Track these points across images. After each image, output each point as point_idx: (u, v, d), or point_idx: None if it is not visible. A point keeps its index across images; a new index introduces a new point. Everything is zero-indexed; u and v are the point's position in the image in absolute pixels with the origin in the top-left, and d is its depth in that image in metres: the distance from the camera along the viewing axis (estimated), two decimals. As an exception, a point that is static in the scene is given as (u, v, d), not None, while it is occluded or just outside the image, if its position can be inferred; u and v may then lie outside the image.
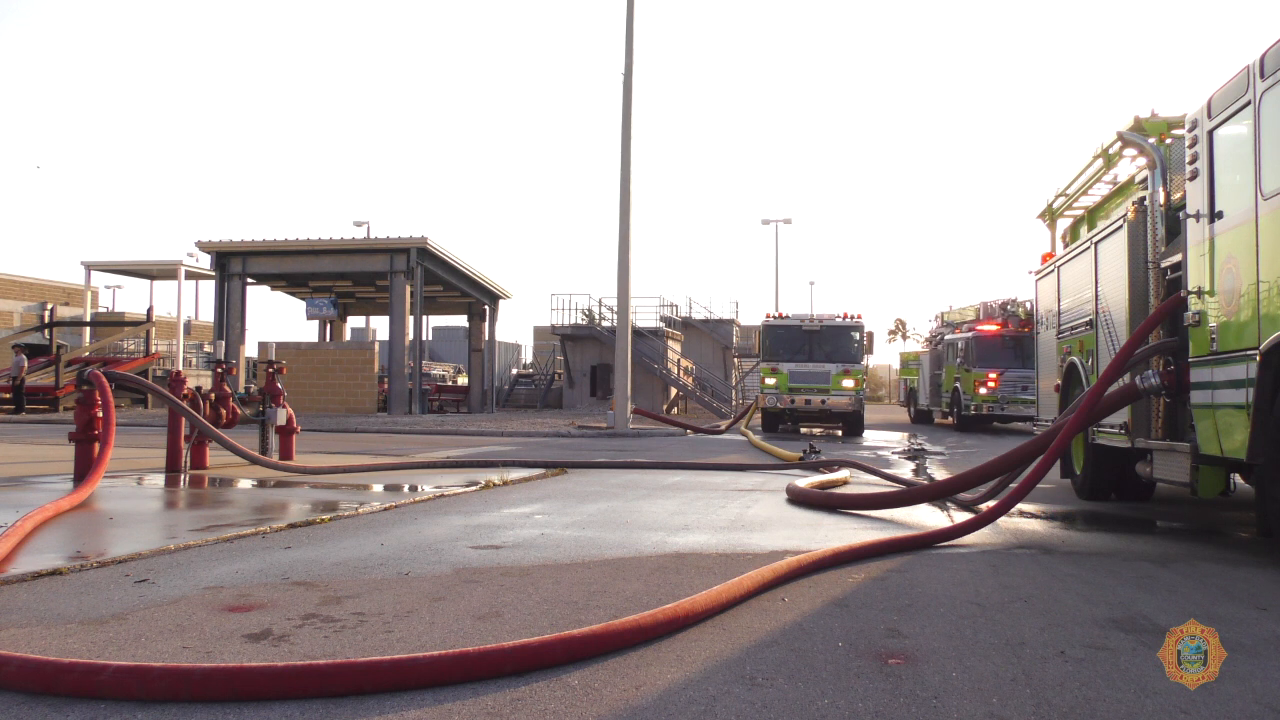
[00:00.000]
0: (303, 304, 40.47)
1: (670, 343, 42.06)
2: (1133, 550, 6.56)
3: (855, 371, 24.07)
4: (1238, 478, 7.13)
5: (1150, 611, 4.59)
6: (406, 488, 10.14)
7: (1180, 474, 7.08)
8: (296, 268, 35.20)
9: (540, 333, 57.42)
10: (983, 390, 26.50)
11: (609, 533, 6.97)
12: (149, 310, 40.74)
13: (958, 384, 27.83)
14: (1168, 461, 7.42)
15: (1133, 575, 5.56)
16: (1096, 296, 9.33)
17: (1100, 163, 10.16)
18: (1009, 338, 26.93)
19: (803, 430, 23.65)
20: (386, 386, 35.60)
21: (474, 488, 9.99)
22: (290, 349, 34.86)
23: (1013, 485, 7.88)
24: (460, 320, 48.59)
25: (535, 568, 5.52)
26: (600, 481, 11.04)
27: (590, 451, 16.87)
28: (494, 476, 10.98)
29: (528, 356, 63.45)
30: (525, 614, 4.37)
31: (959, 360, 27.99)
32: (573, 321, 41.86)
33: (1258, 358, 5.75)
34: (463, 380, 47.81)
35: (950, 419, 29.40)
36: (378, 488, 10.21)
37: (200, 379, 41.62)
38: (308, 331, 60.15)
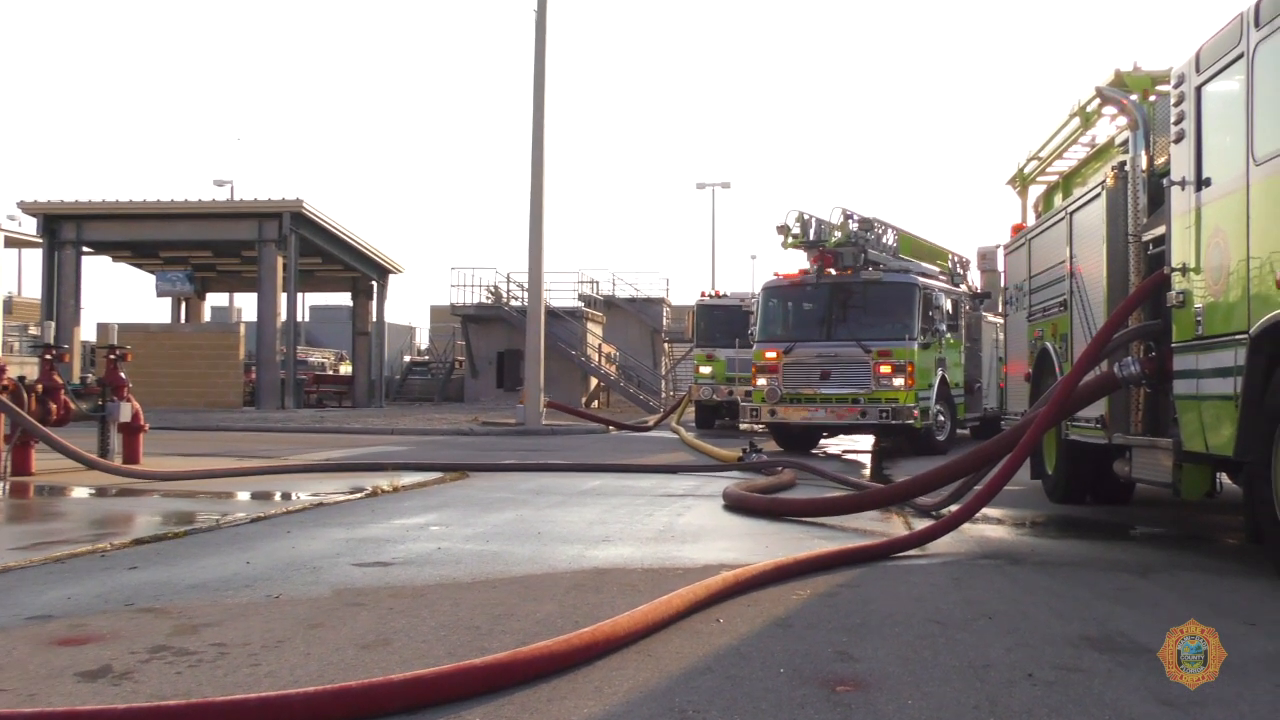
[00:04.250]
0: (152, 278, 39.43)
1: (590, 325, 42.06)
2: (1110, 559, 6.76)
3: None
4: (1225, 477, 7.37)
5: (1128, 628, 4.74)
6: (278, 495, 10.01)
7: (1162, 473, 7.30)
8: (144, 234, 34.25)
9: (439, 313, 56.86)
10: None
11: (518, 546, 6.95)
12: (-40, 285, 39.30)
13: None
14: (1148, 459, 7.65)
15: (1110, 587, 5.74)
16: (1071, 274, 9.57)
17: (1077, 122, 10.39)
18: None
19: (742, 427, 23.79)
20: (254, 377, 34.95)
21: (359, 495, 9.91)
22: (137, 331, 33.89)
23: (977, 488, 8.04)
24: (343, 299, 47.84)
25: (431, 587, 5.48)
26: (508, 487, 11.00)
27: (496, 452, 16.79)
28: (383, 482, 10.88)
29: (424, 341, 62.82)
30: (419, 642, 4.34)
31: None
32: (477, 300, 41.58)
33: (1247, 343, 5.91)
34: (346, 369, 47.11)
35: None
36: (244, 496, 10.04)
37: (25, 367, 40.28)
38: (159, 311, 58.72)
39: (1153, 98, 8.72)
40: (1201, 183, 6.64)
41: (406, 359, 55.59)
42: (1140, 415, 8.01)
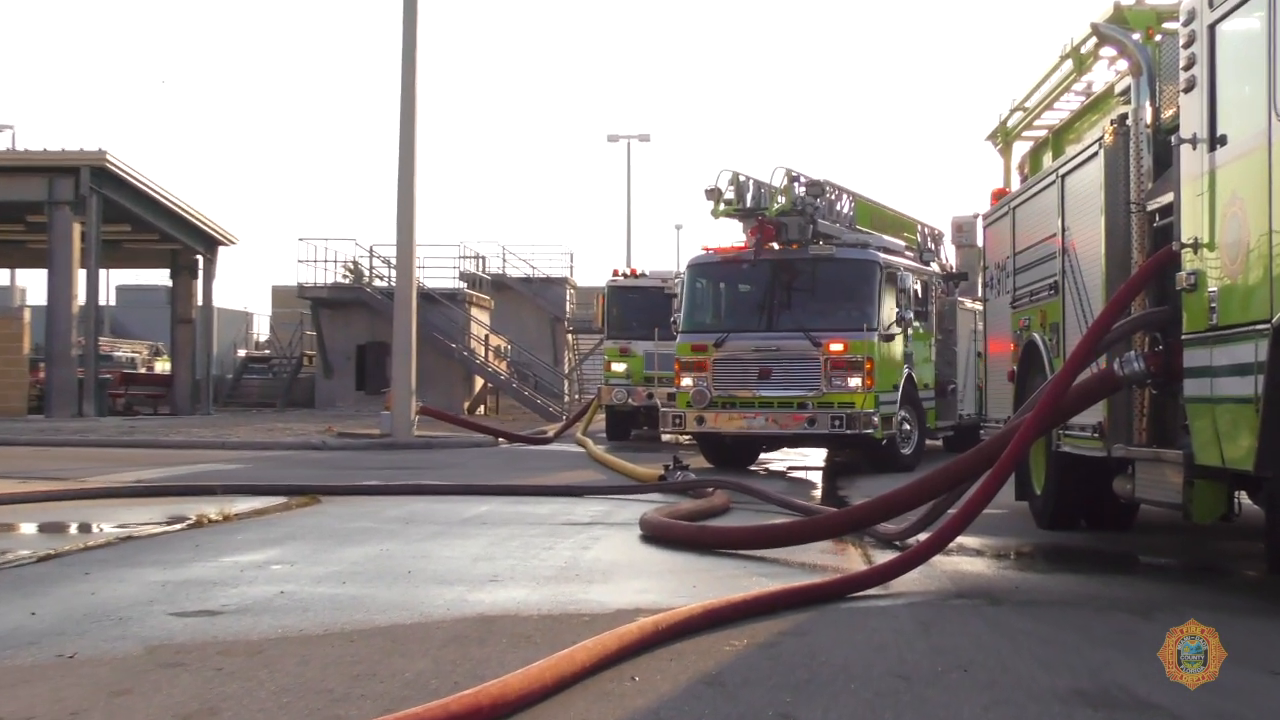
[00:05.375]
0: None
1: (476, 312, 41.86)
2: (1108, 597, 6.92)
3: None
4: (1243, 496, 7.55)
5: (1129, 679, 4.85)
6: (74, 528, 9.82)
7: (1170, 492, 7.45)
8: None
9: (283, 296, 55.98)
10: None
11: (383, 589, 6.89)
12: None
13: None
14: (1154, 476, 7.80)
15: (1107, 631, 5.87)
16: (1064, 250, 9.76)
17: (1069, 66, 10.58)
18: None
19: (664, 438, 23.84)
20: (44, 376, 34.11)
21: (180, 526, 9.76)
22: (-115, 319, 32.93)
23: (951, 512, 8.15)
24: (160, 277, 46.97)
25: (271, 642, 5.41)
26: (371, 514, 10.90)
27: (356, 470, 16.61)
28: (210, 509, 10.68)
29: (263, 331, 61.91)
30: (255, 711, 4.27)
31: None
32: (331, 280, 41.08)
33: (1270, 334, 6.02)
34: (163, 366, 46.22)
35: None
36: (28, 528, 9.82)
37: None
38: (-82, 292, 56.82)
39: (1158, 37, 8.81)
40: (1216, 141, 6.77)
41: (242, 353, 54.74)
42: (1145, 422, 8.18)
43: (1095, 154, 8.97)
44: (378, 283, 40.63)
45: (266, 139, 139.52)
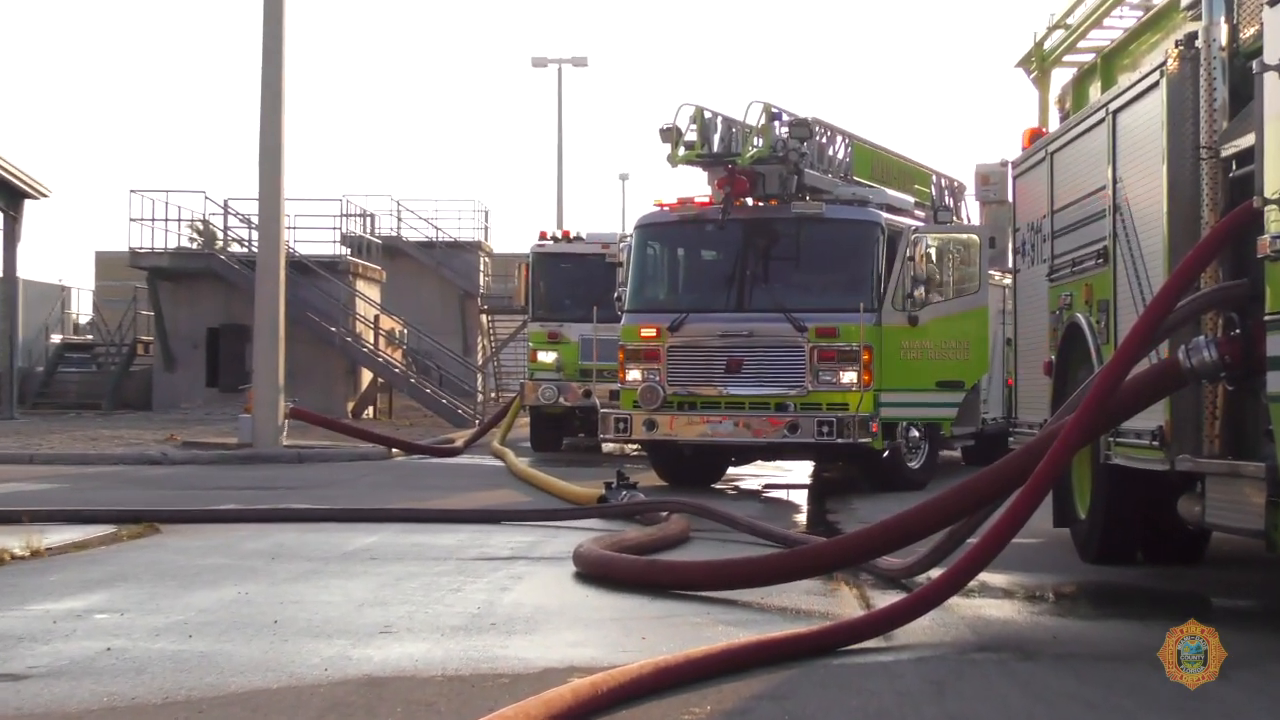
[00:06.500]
0: None
1: (363, 286, 41.52)
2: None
3: None
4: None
5: (1198, 755, 4.90)
6: None
7: (1249, 516, 7.50)
8: None
9: (111, 265, 55.40)
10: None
11: (241, 644, 6.86)
12: None
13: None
14: (1229, 495, 7.85)
15: (1170, 693, 5.86)
16: (1115, 207, 9.80)
17: (1124, -30, 10.66)
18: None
19: (605, 448, 23.84)
20: None
21: (-28, 564, 9.66)
22: None
23: (971, 541, 8.18)
24: (-54, 239, 46.38)
25: (95, 715, 5.36)
26: (226, 547, 10.87)
27: (207, 491, 16.50)
28: (14, 544, 10.56)
29: (84, 311, 61.30)
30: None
31: None
32: (174, 244, 40.69)
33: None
34: (-49, 356, 45.58)
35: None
36: None
37: None
38: None
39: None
40: (1311, 67, 6.83)
41: (56, 339, 54.03)
42: (1218, 427, 8.22)
43: (1155, 84, 8.99)
44: (235, 248, 40.29)
45: (90, 67, 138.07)
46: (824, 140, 18.73)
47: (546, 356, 25.60)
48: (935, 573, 8.22)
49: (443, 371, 42.20)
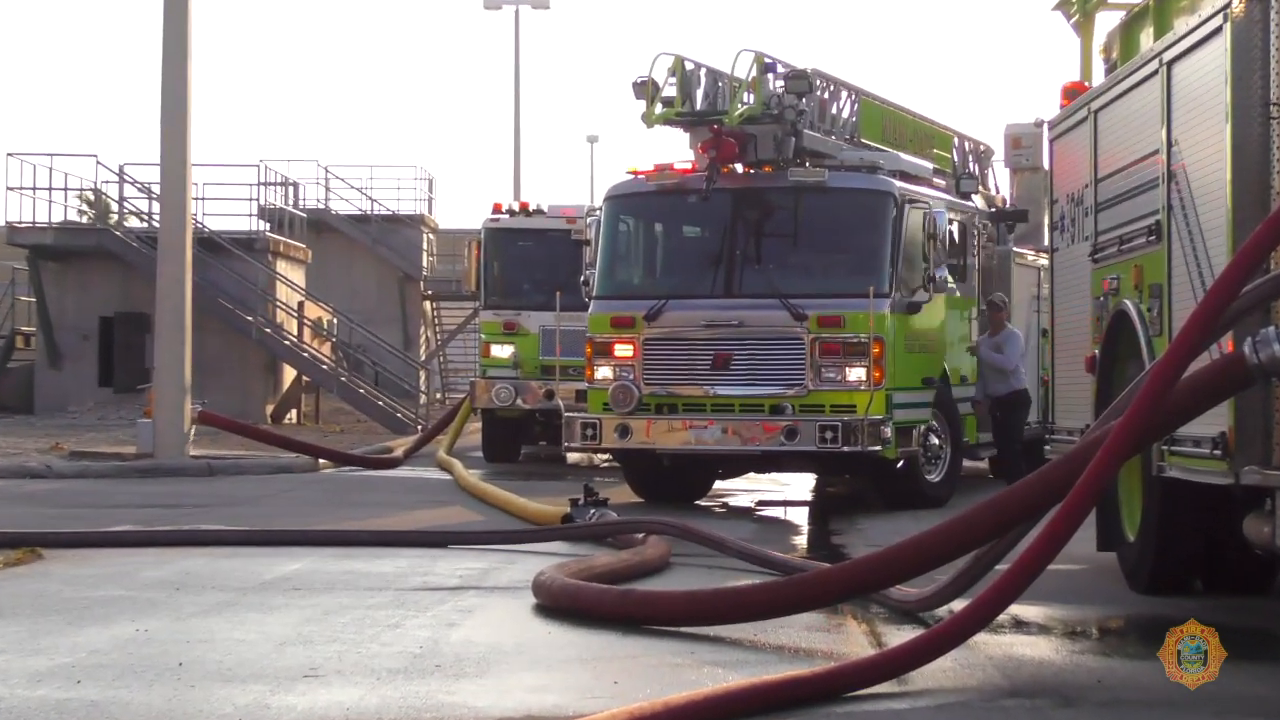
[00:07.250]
0: None
1: (285, 267, 41.43)
2: (1235, 694, 6.93)
3: None
4: None
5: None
6: None
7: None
8: None
9: (-19, 242, 55.35)
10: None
11: (139, 690, 6.86)
12: None
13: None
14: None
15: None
16: (1168, 175, 9.85)
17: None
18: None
19: (570, 458, 23.83)
20: None
21: None
22: None
23: (1001, 568, 8.21)
24: None
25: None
26: (122, 576, 10.88)
27: (100, 509, 16.49)
28: None
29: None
30: None
31: None
32: (61, 219, 40.57)
33: None
34: None
35: None
36: None
37: None
38: None
39: None
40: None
41: (-84, 331, 53.96)
42: (1290, 433, 8.29)
43: (1218, 30, 9.01)
44: (133, 222, 40.21)
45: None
46: (826, 96, 18.74)
47: (501, 351, 25.58)
48: (958, 605, 8.25)
49: (379, 368, 42.16)
